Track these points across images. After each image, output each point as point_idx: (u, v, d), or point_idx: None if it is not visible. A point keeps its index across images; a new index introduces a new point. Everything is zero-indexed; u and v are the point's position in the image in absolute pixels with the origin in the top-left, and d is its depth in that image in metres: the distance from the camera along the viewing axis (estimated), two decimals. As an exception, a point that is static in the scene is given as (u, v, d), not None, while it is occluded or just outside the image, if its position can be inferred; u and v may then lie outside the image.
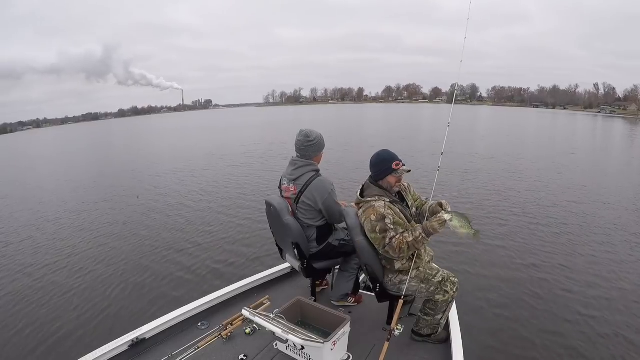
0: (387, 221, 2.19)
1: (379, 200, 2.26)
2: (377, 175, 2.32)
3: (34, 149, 34.50)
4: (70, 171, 16.40)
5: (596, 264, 5.06)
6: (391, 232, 2.17)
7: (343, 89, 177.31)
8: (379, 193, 2.29)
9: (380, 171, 2.30)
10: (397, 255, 2.18)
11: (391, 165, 2.26)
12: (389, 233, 2.16)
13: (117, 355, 2.27)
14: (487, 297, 4.27)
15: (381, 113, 64.49)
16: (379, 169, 2.31)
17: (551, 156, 14.79)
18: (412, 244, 2.13)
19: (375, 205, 2.23)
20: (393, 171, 2.26)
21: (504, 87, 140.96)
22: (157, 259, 5.68)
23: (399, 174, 2.28)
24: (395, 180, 2.30)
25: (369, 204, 2.27)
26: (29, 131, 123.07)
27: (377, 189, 2.32)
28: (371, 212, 2.22)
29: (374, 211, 2.21)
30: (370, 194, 2.32)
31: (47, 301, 4.56)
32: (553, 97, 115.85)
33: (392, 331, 2.19)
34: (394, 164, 2.26)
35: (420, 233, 2.12)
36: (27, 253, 6.27)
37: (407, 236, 2.14)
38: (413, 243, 2.13)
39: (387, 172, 2.28)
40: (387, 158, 2.29)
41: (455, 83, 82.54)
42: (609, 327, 3.68)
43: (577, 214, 7.30)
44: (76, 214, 8.60)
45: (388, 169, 2.27)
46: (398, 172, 2.27)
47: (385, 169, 2.28)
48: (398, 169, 2.26)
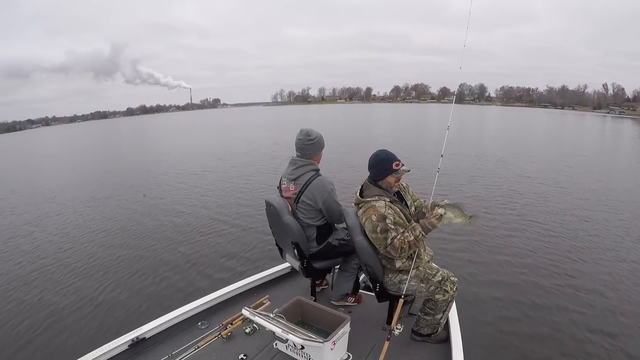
0: (387, 221, 2.18)
1: (379, 200, 2.26)
2: (377, 176, 2.32)
3: (42, 147, 34.89)
4: (75, 170, 16.52)
5: (600, 267, 4.99)
6: (392, 232, 2.17)
7: (351, 89, 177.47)
8: (379, 193, 2.29)
9: (380, 172, 2.30)
10: (398, 255, 2.18)
11: (391, 166, 2.26)
12: (390, 233, 2.16)
13: (117, 354, 2.27)
14: (487, 297, 4.25)
15: (389, 113, 64.02)
16: (379, 169, 2.31)
17: (558, 158, 14.55)
18: (413, 243, 2.14)
19: (375, 205, 2.23)
20: (393, 171, 2.27)
21: (513, 87, 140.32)
22: (157, 258, 5.70)
23: (399, 174, 2.29)
24: (394, 180, 2.30)
25: (369, 204, 2.27)
26: (37, 129, 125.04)
27: (377, 189, 2.32)
28: (372, 212, 2.22)
29: (374, 211, 2.21)
30: (370, 194, 2.31)
31: (47, 300, 4.59)
32: (562, 98, 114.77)
33: (392, 330, 2.19)
34: (394, 164, 2.26)
35: (420, 231, 2.14)
36: (28, 250, 6.32)
37: (408, 235, 2.15)
38: (414, 242, 2.14)
39: (387, 173, 2.28)
40: (387, 158, 2.29)
41: (463, 83, 79.93)
42: (611, 329, 3.64)
43: (582, 217, 7.16)
44: (79, 211, 8.65)
45: (388, 169, 2.27)
46: (398, 172, 2.28)
47: (385, 169, 2.28)
48: (398, 169, 2.27)
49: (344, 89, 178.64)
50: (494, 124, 37.73)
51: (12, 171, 18.24)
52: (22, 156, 26.89)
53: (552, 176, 10.89)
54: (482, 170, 11.65)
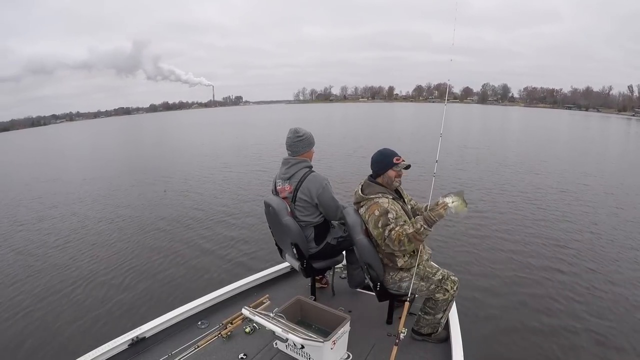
0: (389, 216, 2.21)
1: (382, 197, 2.30)
2: (379, 170, 2.40)
3: (68, 141, 35.23)
4: (94, 164, 16.77)
5: (603, 271, 4.94)
6: (392, 224, 2.18)
7: (373, 87, 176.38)
8: (382, 191, 2.34)
9: (381, 166, 2.39)
10: (397, 248, 2.17)
11: (392, 160, 2.36)
12: (389, 226, 2.18)
13: (117, 354, 2.27)
14: (487, 297, 4.25)
15: (411, 112, 62.28)
16: (381, 164, 2.40)
17: (581, 163, 13.85)
18: (412, 236, 2.11)
19: (379, 202, 2.28)
20: (394, 165, 2.35)
21: (536, 88, 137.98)
22: (157, 257, 5.67)
23: (399, 167, 2.36)
24: (395, 174, 2.36)
25: (373, 200, 2.31)
26: (62, 124, 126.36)
27: (378, 187, 2.37)
28: (375, 207, 2.26)
29: (377, 206, 2.25)
30: (372, 192, 2.35)
31: (46, 299, 4.56)
32: (586, 99, 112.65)
33: (400, 333, 2.13)
34: (395, 158, 2.36)
35: (422, 225, 2.10)
36: (27, 250, 6.28)
37: (407, 228, 2.14)
38: (414, 235, 2.11)
39: (388, 167, 2.37)
40: (389, 154, 2.40)
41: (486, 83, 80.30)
42: (614, 332, 3.64)
43: (587, 219, 7.07)
44: (78, 211, 8.58)
45: (389, 164, 2.36)
46: (398, 167, 2.36)
47: (386, 164, 2.37)
48: (398, 163, 2.35)
49: (366, 87, 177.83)
50: (517, 125, 36.19)
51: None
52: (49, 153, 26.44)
53: (566, 180, 10.50)
54: (504, 172, 11.42)
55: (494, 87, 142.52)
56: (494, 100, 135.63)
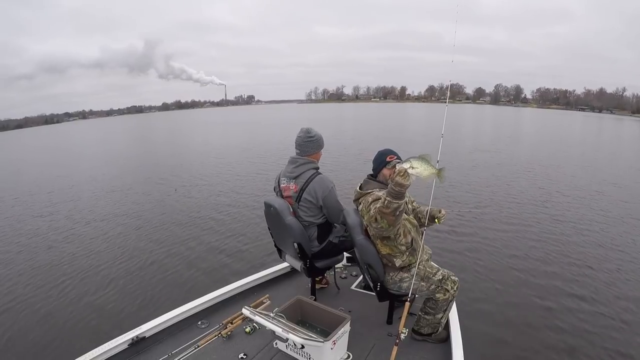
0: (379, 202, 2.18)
1: (379, 191, 2.32)
2: (376, 168, 2.47)
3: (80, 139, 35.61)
4: (103, 162, 16.84)
5: (606, 273, 4.89)
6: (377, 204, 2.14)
7: (385, 87, 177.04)
8: (379, 187, 2.38)
9: (377, 165, 2.47)
10: (376, 226, 2.10)
11: (385, 159, 2.42)
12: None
13: (117, 353, 2.27)
14: (487, 298, 4.24)
15: (423, 112, 61.68)
16: (376, 162, 2.48)
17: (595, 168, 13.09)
18: (380, 210, 2.02)
19: (374, 193, 2.31)
20: (387, 163, 2.40)
21: (549, 89, 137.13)
22: (157, 257, 5.69)
23: (391, 165, 2.39)
24: (388, 172, 2.39)
25: (369, 194, 2.33)
26: (74, 122, 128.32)
27: (376, 183, 2.41)
28: (369, 196, 2.29)
29: (371, 196, 2.28)
30: (369, 188, 2.40)
31: (46, 298, 4.58)
32: (599, 101, 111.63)
33: (400, 333, 2.11)
34: (388, 157, 2.42)
35: (385, 197, 1.98)
36: (27, 249, 6.33)
37: (376, 204, 2.09)
38: (381, 209, 2.01)
39: (382, 165, 2.43)
40: (384, 153, 2.48)
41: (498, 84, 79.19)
42: (614, 331, 3.63)
43: (588, 224, 6.89)
44: (84, 209, 8.63)
45: (383, 162, 2.43)
46: (390, 164, 2.40)
47: (380, 162, 2.44)
48: (391, 161, 2.40)
49: (378, 87, 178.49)
50: (529, 128, 35.23)
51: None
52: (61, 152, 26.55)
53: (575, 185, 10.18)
54: (511, 175, 11.21)
55: (507, 87, 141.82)
56: (507, 101, 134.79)
